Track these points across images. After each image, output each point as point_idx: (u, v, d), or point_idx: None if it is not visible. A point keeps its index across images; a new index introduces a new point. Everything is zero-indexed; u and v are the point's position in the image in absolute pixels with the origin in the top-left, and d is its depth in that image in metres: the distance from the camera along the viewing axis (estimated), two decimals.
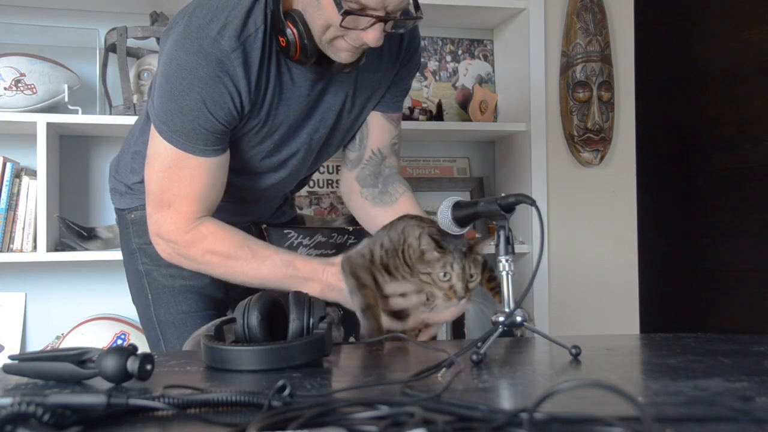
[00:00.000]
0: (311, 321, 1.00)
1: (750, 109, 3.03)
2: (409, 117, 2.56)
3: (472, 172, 2.81)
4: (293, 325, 1.00)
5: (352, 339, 1.48)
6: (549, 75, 2.69)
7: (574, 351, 0.97)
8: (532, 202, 1.00)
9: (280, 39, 1.25)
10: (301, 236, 1.50)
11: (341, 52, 1.23)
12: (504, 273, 1.04)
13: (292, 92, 1.33)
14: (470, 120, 2.73)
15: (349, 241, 1.53)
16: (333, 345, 1.01)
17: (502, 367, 0.93)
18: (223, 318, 1.04)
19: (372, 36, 1.18)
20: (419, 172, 2.72)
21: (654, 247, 3.12)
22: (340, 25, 1.17)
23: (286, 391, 0.68)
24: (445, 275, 1.12)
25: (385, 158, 1.51)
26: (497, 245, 1.04)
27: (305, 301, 1.02)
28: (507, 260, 1.04)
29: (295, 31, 1.23)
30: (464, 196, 2.74)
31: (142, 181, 1.52)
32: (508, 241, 1.04)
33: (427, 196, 2.67)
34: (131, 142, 1.55)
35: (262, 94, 1.30)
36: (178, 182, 1.30)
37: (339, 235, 1.53)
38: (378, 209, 1.48)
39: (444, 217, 1.12)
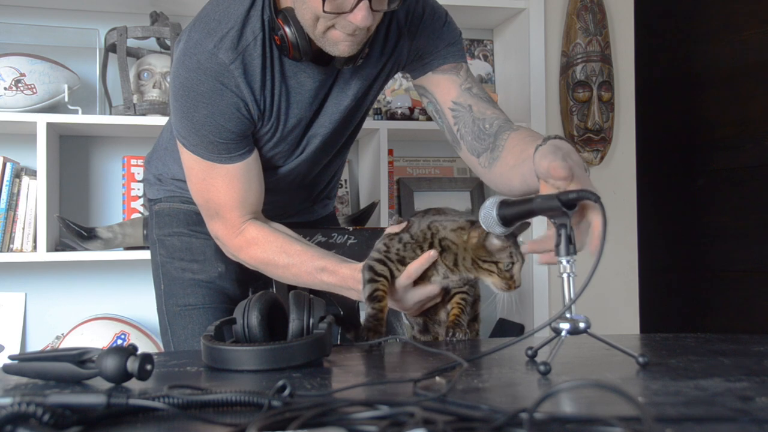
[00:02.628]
0: (311, 321, 1.00)
1: (750, 109, 3.03)
2: (408, 117, 2.56)
3: (472, 172, 2.81)
4: (293, 325, 1.00)
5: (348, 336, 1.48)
6: (549, 75, 2.69)
7: (641, 360, 0.92)
8: (597, 198, 0.93)
9: (276, 38, 1.26)
10: (301, 236, 1.50)
11: (339, 44, 1.21)
12: (565, 275, 0.94)
13: (300, 95, 1.33)
14: None
15: (349, 241, 1.53)
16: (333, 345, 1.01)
17: (503, 368, 0.93)
18: (224, 318, 1.04)
19: (360, 16, 1.14)
20: (419, 172, 2.72)
21: (654, 247, 3.12)
22: (324, 11, 1.15)
23: (286, 391, 0.68)
24: (508, 265, 1.14)
25: (471, 107, 1.38)
26: (558, 245, 0.94)
27: (305, 301, 1.02)
28: (569, 261, 0.94)
29: (287, 29, 1.23)
30: (464, 196, 2.74)
31: (172, 178, 1.55)
32: (570, 240, 0.95)
33: (428, 196, 2.67)
34: (164, 138, 1.58)
35: (269, 99, 1.30)
36: (216, 192, 1.34)
37: (339, 235, 1.53)
38: (496, 169, 1.33)
39: (487, 215, 1.06)
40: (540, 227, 2.60)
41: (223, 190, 1.33)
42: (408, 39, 1.39)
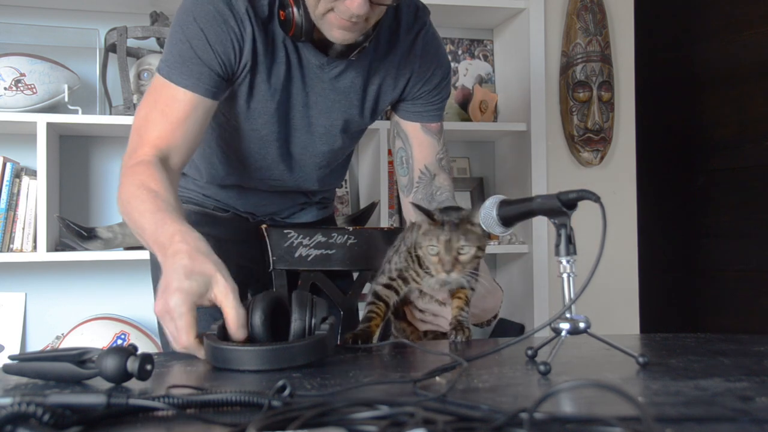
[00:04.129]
0: (313, 321, 1.00)
1: (750, 110, 3.03)
2: None
3: (472, 172, 2.81)
4: (295, 325, 1.00)
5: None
6: (549, 75, 2.69)
7: (641, 360, 0.92)
8: (597, 198, 0.93)
9: (281, 13, 1.28)
10: (301, 236, 1.50)
11: (334, 29, 1.24)
12: (565, 275, 0.94)
13: (298, 72, 1.35)
14: (470, 120, 2.73)
15: (349, 241, 1.53)
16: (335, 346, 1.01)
17: (503, 368, 0.93)
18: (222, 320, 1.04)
19: (355, 3, 1.18)
20: None
21: (654, 247, 3.12)
22: None
23: (286, 391, 0.68)
24: (433, 248, 1.11)
25: (435, 176, 1.50)
26: (558, 245, 0.94)
27: (308, 301, 1.02)
28: (569, 261, 0.94)
29: (294, 7, 1.26)
30: (464, 196, 2.74)
31: None
32: (570, 240, 0.94)
33: None
34: None
35: (268, 62, 1.32)
36: (154, 107, 1.29)
37: (339, 235, 1.53)
38: None
39: (487, 215, 1.06)
40: (540, 227, 2.60)
41: (160, 109, 1.27)
42: (418, 74, 1.44)
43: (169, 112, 1.28)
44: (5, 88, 2.17)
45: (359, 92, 1.41)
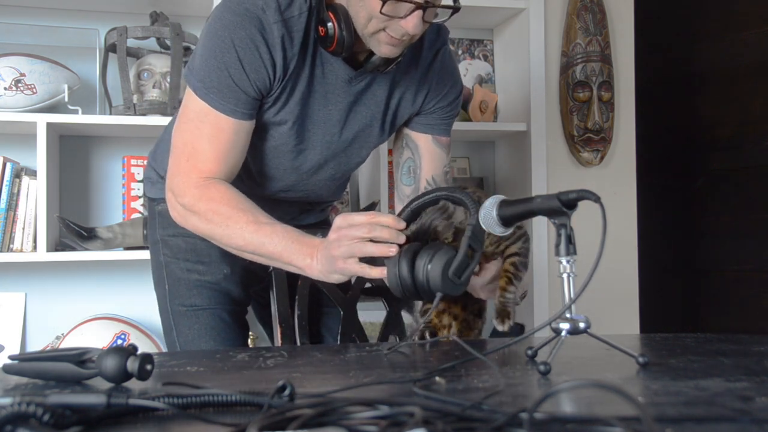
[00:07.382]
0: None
1: (750, 110, 3.03)
2: None
3: (472, 172, 2.81)
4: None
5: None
6: (549, 75, 2.69)
7: (641, 360, 0.92)
8: (597, 199, 0.93)
9: (320, 29, 1.30)
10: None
11: (383, 46, 1.27)
12: (565, 275, 0.94)
13: (321, 86, 1.36)
14: (470, 120, 2.73)
15: None
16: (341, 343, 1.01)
17: (503, 367, 0.93)
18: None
19: (411, 23, 1.22)
20: None
21: (654, 247, 3.12)
22: (380, 12, 1.20)
23: (286, 391, 0.68)
24: None
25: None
26: (558, 245, 0.95)
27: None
28: (569, 261, 0.95)
29: (335, 23, 1.27)
30: None
31: None
32: (570, 240, 0.95)
33: None
34: (170, 130, 1.58)
35: (294, 77, 1.33)
36: (199, 136, 1.33)
37: None
38: None
39: (487, 215, 1.06)
40: (540, 227, 2.60)
41: (207, 138, 1.31)
42: (435, 90, 1.47)
43: (215, 141, 1.32)
44: (5, 88, 2.17)
45: (382, 106, 1.43)
